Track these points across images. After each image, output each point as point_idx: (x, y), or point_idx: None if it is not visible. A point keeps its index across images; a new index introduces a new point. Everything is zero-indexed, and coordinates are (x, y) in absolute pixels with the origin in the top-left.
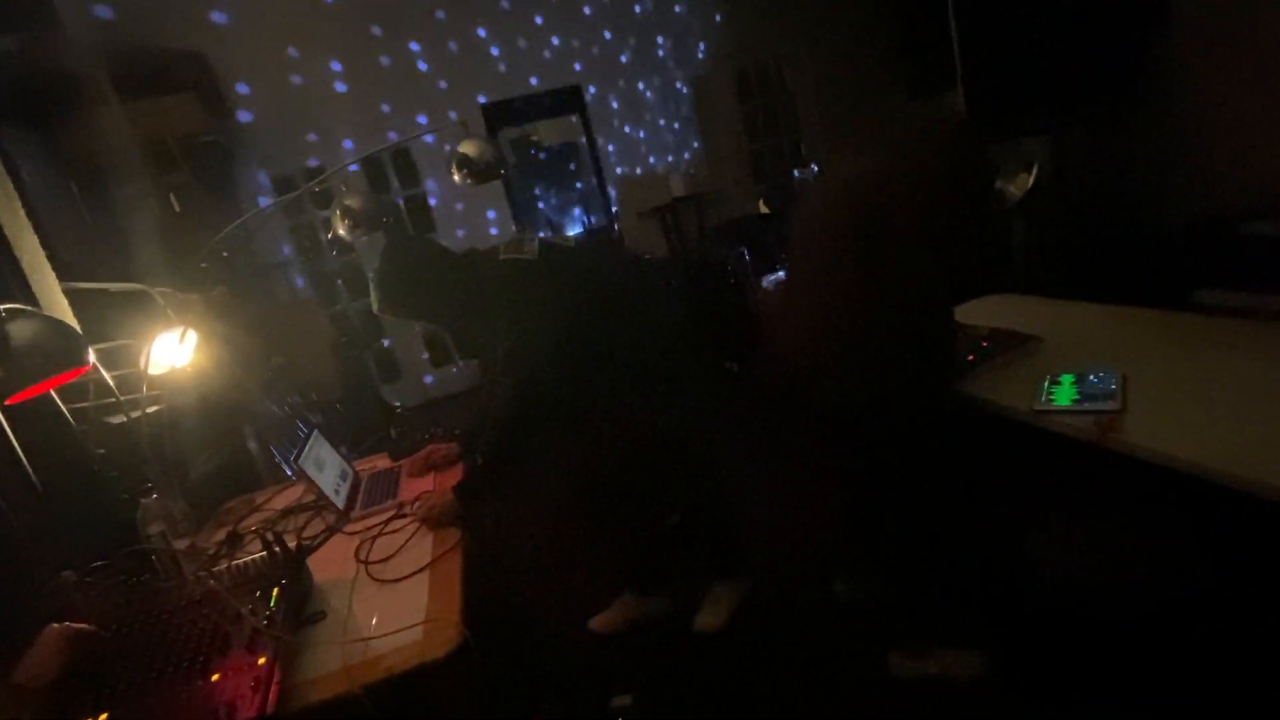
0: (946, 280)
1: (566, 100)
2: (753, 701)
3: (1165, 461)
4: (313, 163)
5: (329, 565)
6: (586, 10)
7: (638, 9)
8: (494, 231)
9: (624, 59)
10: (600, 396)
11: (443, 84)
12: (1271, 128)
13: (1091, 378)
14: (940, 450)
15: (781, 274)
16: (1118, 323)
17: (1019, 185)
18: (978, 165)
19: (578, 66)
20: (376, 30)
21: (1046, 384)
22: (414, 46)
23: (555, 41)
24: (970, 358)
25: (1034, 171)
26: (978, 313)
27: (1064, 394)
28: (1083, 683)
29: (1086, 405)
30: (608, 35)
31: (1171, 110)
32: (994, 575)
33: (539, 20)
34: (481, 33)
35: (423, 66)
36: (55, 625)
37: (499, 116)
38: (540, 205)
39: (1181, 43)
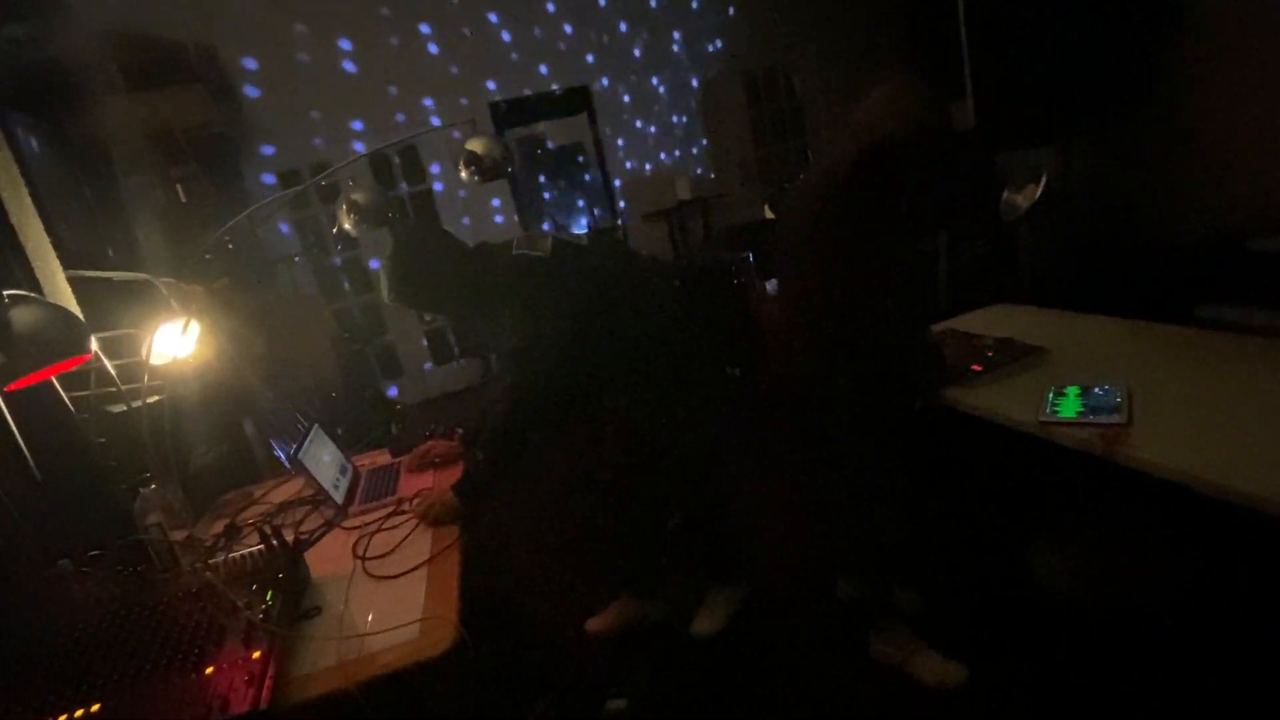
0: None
1: (574, 99)
2: (748, 708)
3: (1171, 476)
4: (317, 141)
5: (326, 560)
6: (601, 1)
7: (653, 2)
8: (498, 220)
9: (637, 53)
10: (602, 397)
11: (454, 69)
12: None
13: (1097, 390)
14: (908, 447)
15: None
16: (1124, 336)
17: (1026, 196)
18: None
19: (590, 58)
20: (386, 11)
21: (1051, 395)
22: (424, 29)
23: (568, 30)
24: (976, 368)
25: (1042, 182)
26: (984, 322)
27: (1069, 406)
28: (1077, 698)
29: (1091, 418)
30: (623, 27)
31: (1181, 122)
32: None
33: (551, 8)
34: (493, 18)
35: (433, 49)
36: None
37: (507, 115)
38: (546, 203)
39: (1192, 54)
